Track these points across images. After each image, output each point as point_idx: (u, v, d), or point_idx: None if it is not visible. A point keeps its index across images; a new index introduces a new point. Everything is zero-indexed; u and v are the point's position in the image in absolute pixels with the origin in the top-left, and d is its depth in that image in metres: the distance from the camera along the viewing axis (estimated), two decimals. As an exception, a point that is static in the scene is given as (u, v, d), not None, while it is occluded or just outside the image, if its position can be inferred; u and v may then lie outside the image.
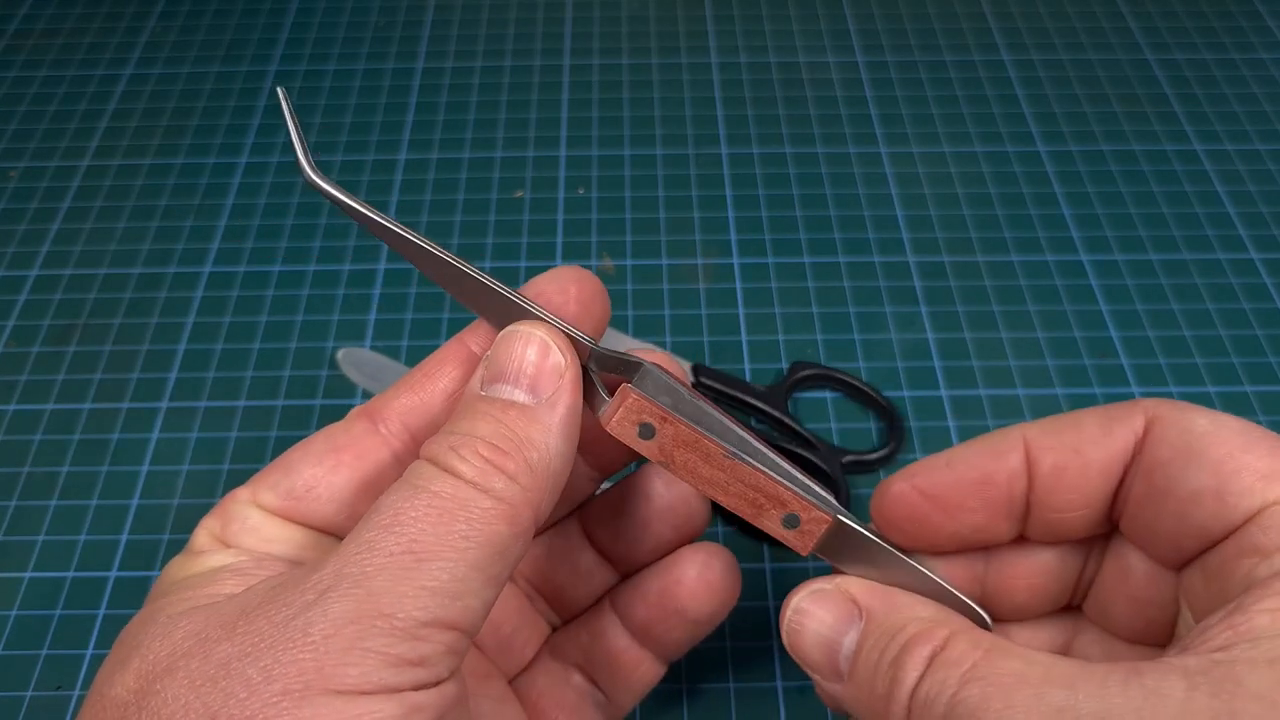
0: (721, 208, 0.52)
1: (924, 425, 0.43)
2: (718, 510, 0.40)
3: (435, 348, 0.45)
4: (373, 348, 0.45)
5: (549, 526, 0.32)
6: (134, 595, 0.38)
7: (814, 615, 0.25)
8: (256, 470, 0.41)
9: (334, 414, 0.43)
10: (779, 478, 0.26)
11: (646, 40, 0.62)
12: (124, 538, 0.39)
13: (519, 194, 0.53)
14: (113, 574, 0.38)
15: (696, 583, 0.29)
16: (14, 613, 0.37)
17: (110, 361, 0.45)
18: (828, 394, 0.44)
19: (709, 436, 0.26)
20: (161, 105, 0.58)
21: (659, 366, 0.27)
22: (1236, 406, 0.43)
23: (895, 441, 0.41)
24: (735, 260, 0.49)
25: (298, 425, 0.43)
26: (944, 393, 0.44)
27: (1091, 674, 0.20)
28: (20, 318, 0.47)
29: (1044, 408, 0.43)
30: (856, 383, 0.43)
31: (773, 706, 0.35)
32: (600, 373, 0.28)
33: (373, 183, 0.53)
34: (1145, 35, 0.62)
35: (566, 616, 0.32)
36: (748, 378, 0.44)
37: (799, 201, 0.52)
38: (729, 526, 0.40)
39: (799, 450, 0.41)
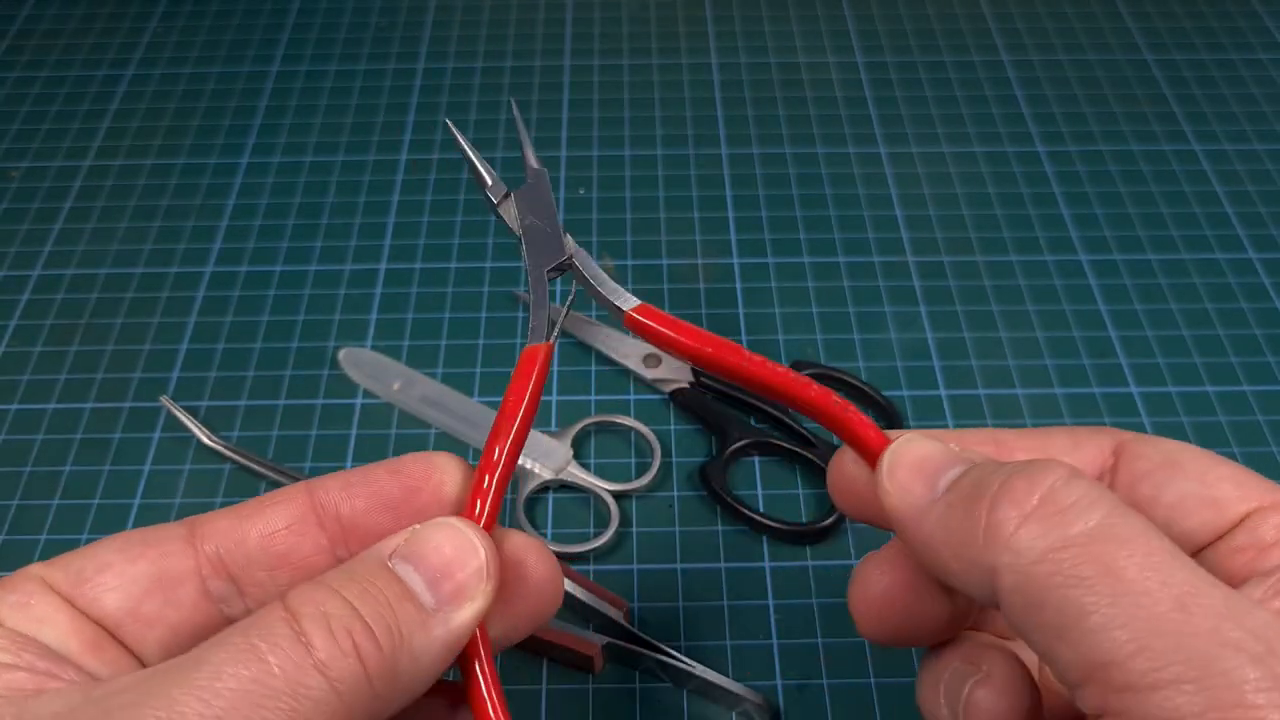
0: (721, 208, 0.52)
1: (923, 424, 0.43)
2: (733, 516, 0.40)
3: (435, 347, 0.46)
4: (374, 347, 0.46)
5: None
6: (136, 594, 0.38)
7: (926, 444, 0.24)
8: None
9: (335, 413, 0.43)
10: (562, 627, 0.35)
11: (647, 41, 0.62)
12: (126, 536, 0.39)
13: (519, 194, 0.53)
14: (115, 573, 0.38)
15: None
16: (17, 611, 0.37)
17: (112, 361, 0.45)
18: (827, 393, 0.44)
19: None
20: (163, 105, 0.58)
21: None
22: (1235, 406, 0.43)
23: (894, 441, 0.41)
24: (735, 260, 0.49)
25: (299, 425, 0.43)
26: (943, 392, 0.44)
27: (1232, 595, 0.19)
28: (22, 317, 0.47)
29: (1043, 407, 0.43)
30: (856, 382, 0.43)
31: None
32: None
33: (374, 183, 0.53)
34: (1144, 36, 0.62)
35: None
36: (747, 377, 0.44)
37: (799, 201, 0.52)
38: (729, 526, 0.40)
39: (798, 449, 0.41)
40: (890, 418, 0.42)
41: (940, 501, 0.22)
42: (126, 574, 0.23)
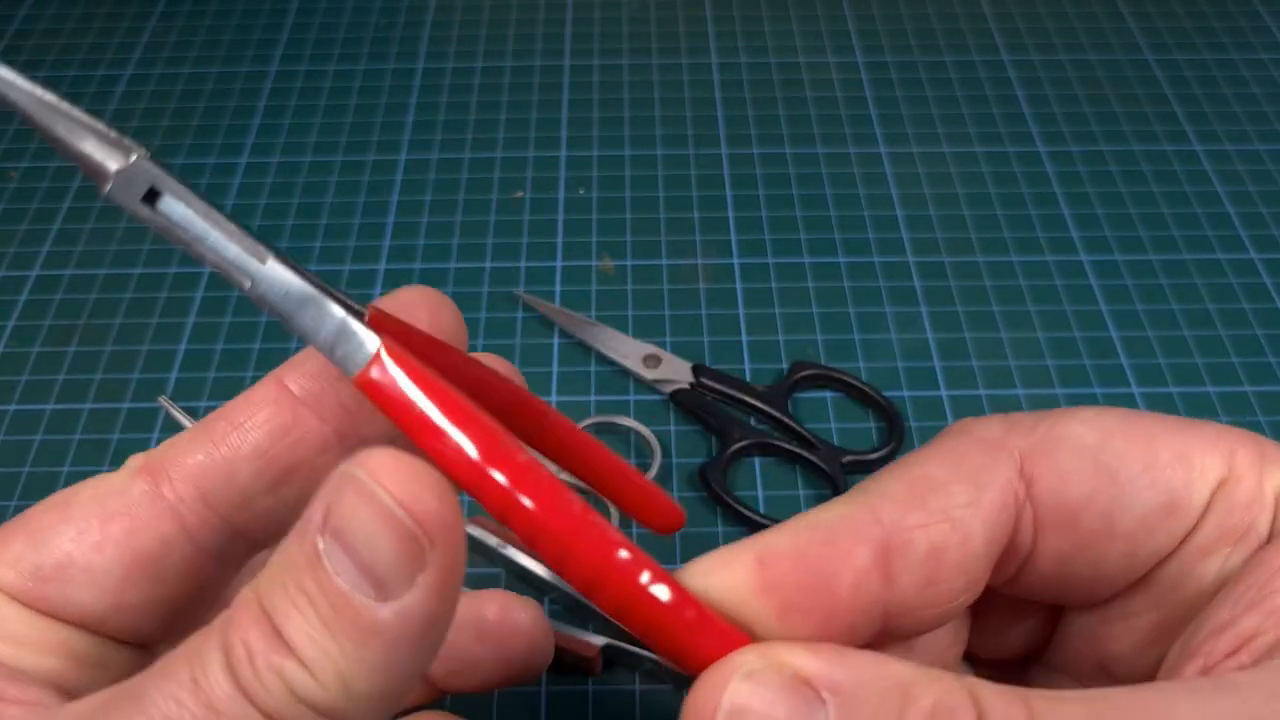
0: (721, 208, 0.52)
1: (924, 425, 0.43)
2: (733, 517, 0.40)
3: (435, 348, 0.46)
4: (373, 348, 0.45)
5: None
6: (134, 595, 0.38)
7: (758, 715, 0.17)
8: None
9: (334, 414, 0.43)
10: (562, 628, 0.35)
11: (647, 41, 0.62)
12: (124, 538, 0.39)
13: (519, 194, 0.53)
14: (113, 574, 0.38)
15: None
16: (14, 612, 0.37)
17: (111, 361, 0.45)
18: (828, 394, 0.44)
19: None
20: (162, 105, 0.58)
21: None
22: (1236, 406, 0.43)
23: (895, 441, 0.41)
24: (735, 260, 0.49)
25: (298, 425, 0.43)
26: (944, 393, 0.44)
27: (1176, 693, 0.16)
28: (21, 318, 0.47)
29: (1044, 407, 0.43)
30: (857, 383, 0.43)
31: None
32: None
33: (373, 183, 0.53)
34: (1145, 36, 0.62)
35: None
36: (748, 378, 0.44)
37: (799, 202, 0.52)
38: (729, 527, 0.40)
39: (799, 450, 0.41)
40: (890, 419, 0.42)
41: None
42: (96, 566, 0.19)
